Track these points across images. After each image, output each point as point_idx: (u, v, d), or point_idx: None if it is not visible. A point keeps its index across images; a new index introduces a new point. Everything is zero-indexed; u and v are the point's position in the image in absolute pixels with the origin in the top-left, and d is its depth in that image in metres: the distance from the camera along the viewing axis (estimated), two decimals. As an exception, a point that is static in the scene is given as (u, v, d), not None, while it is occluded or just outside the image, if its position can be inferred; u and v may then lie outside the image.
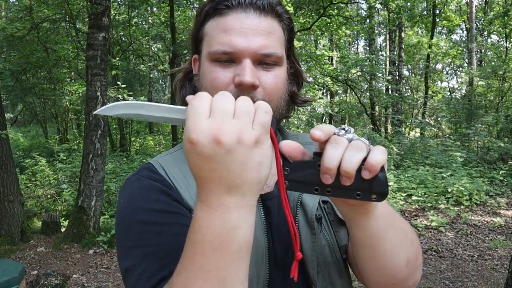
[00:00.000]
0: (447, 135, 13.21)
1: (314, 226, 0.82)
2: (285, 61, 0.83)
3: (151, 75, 16.19)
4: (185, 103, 0.73)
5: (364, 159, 0.56)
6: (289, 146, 0.58)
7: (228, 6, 0.78)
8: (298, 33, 11.34)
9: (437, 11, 15.90)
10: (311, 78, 13.35)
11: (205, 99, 0.55)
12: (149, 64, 15.18)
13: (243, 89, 0.75)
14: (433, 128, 14.89)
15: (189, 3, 14.70)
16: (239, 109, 0.54)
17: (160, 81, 24.31)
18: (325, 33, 15.04)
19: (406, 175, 7.77)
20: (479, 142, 10.21)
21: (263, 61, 0.78)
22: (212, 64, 0.78)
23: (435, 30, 17.00)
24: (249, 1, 0.78)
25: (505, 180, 7.99)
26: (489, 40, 18.22)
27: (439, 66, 22.95)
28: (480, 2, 18.93)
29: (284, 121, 0.94)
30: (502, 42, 17.32)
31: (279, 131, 0.95)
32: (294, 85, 0.90)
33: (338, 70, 12.66)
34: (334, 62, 17.65)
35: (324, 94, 18.36)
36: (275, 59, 0.78)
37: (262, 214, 0.80)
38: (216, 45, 0.77)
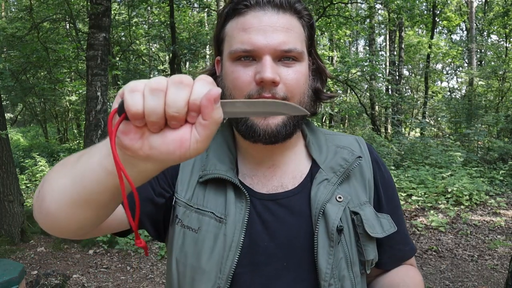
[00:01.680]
0: (447, 135, 13.21)
1: (333, 238, 0.79)
2: (306, 57, 0.83)
3: (151, 75, 16.18)
4: None
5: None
6: None
7: (247, 6, 0.78)
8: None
9: (437, 11, 15.90)
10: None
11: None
12: (149, 64, 15.18)
13: (264, 86, 0.76)
14: (433, 128, 14.89)
15: (189, 3, 14.69)
16: None
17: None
18: (325, 33, 15.05)
19: (406, 175, 7.77)
20: (479, 142, 10.21)
21: (283, 57, 0.78)
22: (233, 64, 0.79)
23: (435, 30, 16.99)
24: None
25: (505, 180, 7.99)
26: (489, 40, 18.21)
27: (439, 66, 22.95)
28: (480, 2, 18.93)
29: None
30: (502, 42, 17.32)
31: (307, 126, 0.93)
32: (318, 81, 0.90)
33: (338, 70, 12.66)
34: (334, 62, 17.66)
35: (324, 94, 18.33)
36: (295, 54, 0.78)
37: (247, 213, 0.81)
38: (236, 44, 0.78)
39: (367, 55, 14.82)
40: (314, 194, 0.82)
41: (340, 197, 0.83)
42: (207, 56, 18.71)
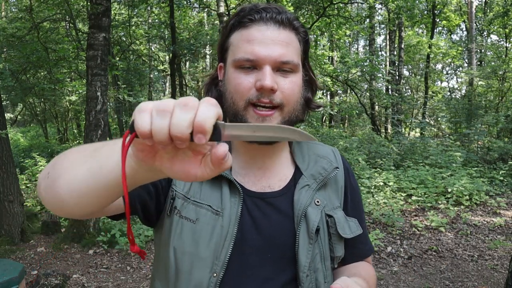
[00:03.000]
0: (447, 135, 13.21)
1: (312, 237, 0.92)
2: (301, 69, 0.93)
3: (151, 75, 16.19)
4: None
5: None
6: None
7: (251, 20, 0.89)
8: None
9: (437, 11, 15.90)
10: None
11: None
12: (149, 64, 15.18)
13: (263, 92, 0.85)
14: (433, 128, 14.89)
15: (189, 3, 14.69)
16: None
17: (161, 81, 24.30)
18: (325, 33, 15.05)
19: (406, 175, 7.77)
20: (479, 142, 10.20)
21: (281, 68, 0.87)
22: (236, 71, 0.88)
23: (435, 30, 16.99)
24: (270, 16, 0.88)
25: (505, 180, 7.99)
26: (489, 40, 18.21)
27: (439, 66, 22.95)
28: (480, 2, 18.93)
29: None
30: (502, 42, 17.32)
31: None
32: (309, 91, 1.00)
33: (338, 70, 12.66)
34: (334, 62, 17.65)
35: (324, 94, 18.36)
36: (292, 66, 0.88)
37: (240, 208, 0.90)
38: (240, 53, 0.87)
39: (367, 55, 14.82)
40: (297, 198, 0.94)
41: (318, 201, 0.96)
42: (207, 56, 18.71)
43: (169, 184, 0.93)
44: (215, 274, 0.87)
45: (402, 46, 15.50)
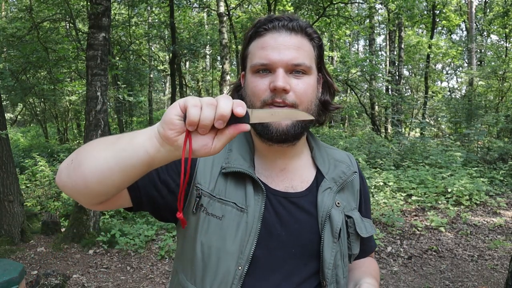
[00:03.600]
0: (447, 135, 13.20)
1: (336, 236, 1.00)
2: (314, 71, 1.00)
3: (151, 75, 16.18)
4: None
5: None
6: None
7: (266, 29, 0.98)
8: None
9: (437, 11, 15.89)
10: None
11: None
12: (149, 64, 15.17)
13: (276, 93, 0.93)
14: (433, 128, 14.89)
15: (189, 3, 14.68)
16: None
17: (161, 81, 24.29)
18: (325, 33, 15.04)
19: (406, 175, 7.76)
20: (479, 142, 10.20)
21: (294, 70, 0.95)
22: (253, 76, 0.97)
23: (435, 30, 16.99)
24: (282, 24, 0.97)
25: (505, 180, 7.98)
26: (488, 40, 18.20)
27: (439, 66, 22.95)
28: (479, 2, 18.93)
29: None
30: (502, 42, 17.32)
31: (312, 139, 1.13)
32: (327, 94, 1.07)
33: (338, 70, 12.65)
34: (334, 62, 17.65)
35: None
36: (304, 68, 0.96)
37: (263, 205, 0.96)
38: (256, 59, 0.97)
39: (367, 55, 14.81)
40: (320, 200, 1.02)
41: (338, 203, 1.03)
42: (207, 56, 18.71)
43: (190, 183, 0.99)
44: (240, 267, 0.93)
45: (402, 46, 15.50)
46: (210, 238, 0.95)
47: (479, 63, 16.58)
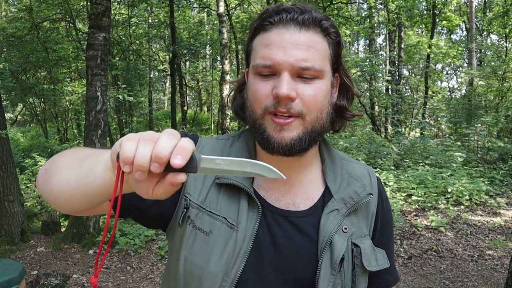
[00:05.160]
0: (447, 135, 13.20)
1: (335, 268, 0.85)
2: (328, 73, 0.85)
3: (151, 75, 16.18)
4: (237, 115, 0.94)
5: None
6: None
7: (271, 23, 0.83)
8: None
9: (437, 11, 15.89)
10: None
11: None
12: (149, 64, 15.17)
13: (280, 101, 0.79)
14: (433, 128, 14.88)
15: (189, 3, 14.68)
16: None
17: (161, 81, 24.29)
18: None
19: (406, 175, 7.76)
20: (479, 142, 10.20)
21: (302, 74, 0.80)
22: (255, 77, 0.84)
23: (435, 30, 16.99)
24: (290, 17, 0.81)
25: (505, 180, 7.98)
26: (488, 40, 18.20)
27: (439, 66, 22.95)
28: (479, 2, 18.93)
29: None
30: (502, 42, 17.32)
31: (326, 149, 0.97)
32: (343, 99, 0.92)
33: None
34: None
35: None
36: (314, 72, 0.80)
37: (257, 224, 0.84)
38: (258, 59, 0.82)
39: (367, 55, 14.82)
40: (323, 222, 0.87)
41: (345, 228, 0.88)
42: (207, 56, 18.71)
43: (179, 192, 0.87)
44: None
45: (402, 46, 15.50)
46: (194, 255, 0.84)
47: (479, 63, 16.58)
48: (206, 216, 0.85)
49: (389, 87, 15.55)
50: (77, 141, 13.58)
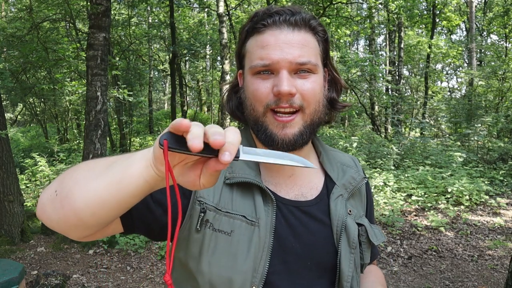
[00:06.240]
0: (447, 135, 13.21)
1: (354, 246, 0.93)
2: (321, 69, 0.92)
3: (151, 75, 16.19)
4: (233, 115, 1.00)
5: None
6: None
7: (265, 25, 0.88)
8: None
9: (437, 11, 15.89)
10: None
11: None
12: (149, 64, 15.18)
13: (281, 97, 0.85)
14: (433, 128, 14.88)
15: (189, 3, 14.67)
16: None
17: (161, 81, 24.29)
18: (325, 33, 14.98)
19: (406, 175, 7.76)
20: (479, 142, 10.20)
21: (299, 70, 0.86)
22: (253, 77, 0.89)
23: (435, 30, 16.98)
24: (283, 18, 0.87)
25: (505, 180, 7.98)
26: (488, 40, 18.20)
27: (439, 66, 22.95)
28: (479, 2, 18.93)
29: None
30: (502, 42, 17.32)
31: (319, 142, 1.05)
32: (333, 92, 1.00)
33: (338, 70, 12.63)
34: (334, 62, 17.59)
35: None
36: (310, 66, 0.87)
37: (274, 218, 0.88)
38: (256, 60, 0.87)
39: (367, 55, 14.81)
40: (334, 208, 0.94)
41: (350, 211, 0.97)
42: (207, 56, 18.71)
43: (189, 198, 0.88)
44: (254, 287, 0.84)
45: (402, 46, 15.50)
46: (219, 257, 0.84)
47: (479, 63, 16.58)
48: (224, 217, 0.86)
49: (389, 87, 15.54)
50: (77, 141, 13.57)
